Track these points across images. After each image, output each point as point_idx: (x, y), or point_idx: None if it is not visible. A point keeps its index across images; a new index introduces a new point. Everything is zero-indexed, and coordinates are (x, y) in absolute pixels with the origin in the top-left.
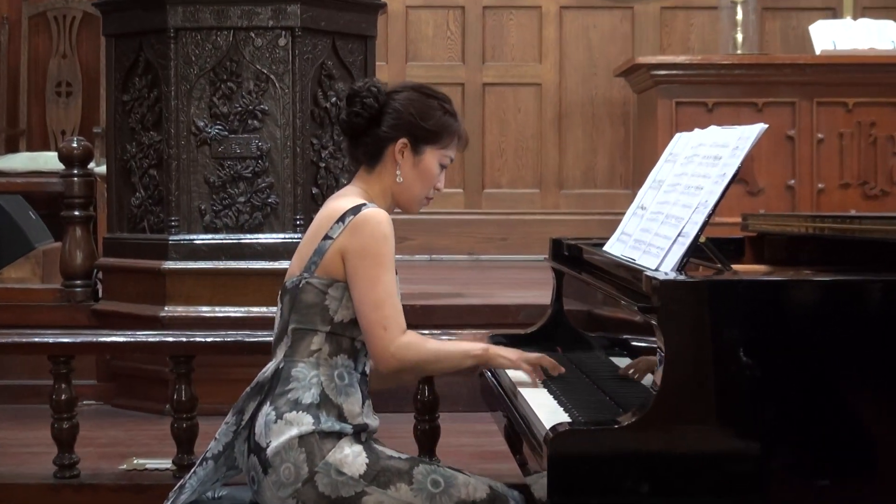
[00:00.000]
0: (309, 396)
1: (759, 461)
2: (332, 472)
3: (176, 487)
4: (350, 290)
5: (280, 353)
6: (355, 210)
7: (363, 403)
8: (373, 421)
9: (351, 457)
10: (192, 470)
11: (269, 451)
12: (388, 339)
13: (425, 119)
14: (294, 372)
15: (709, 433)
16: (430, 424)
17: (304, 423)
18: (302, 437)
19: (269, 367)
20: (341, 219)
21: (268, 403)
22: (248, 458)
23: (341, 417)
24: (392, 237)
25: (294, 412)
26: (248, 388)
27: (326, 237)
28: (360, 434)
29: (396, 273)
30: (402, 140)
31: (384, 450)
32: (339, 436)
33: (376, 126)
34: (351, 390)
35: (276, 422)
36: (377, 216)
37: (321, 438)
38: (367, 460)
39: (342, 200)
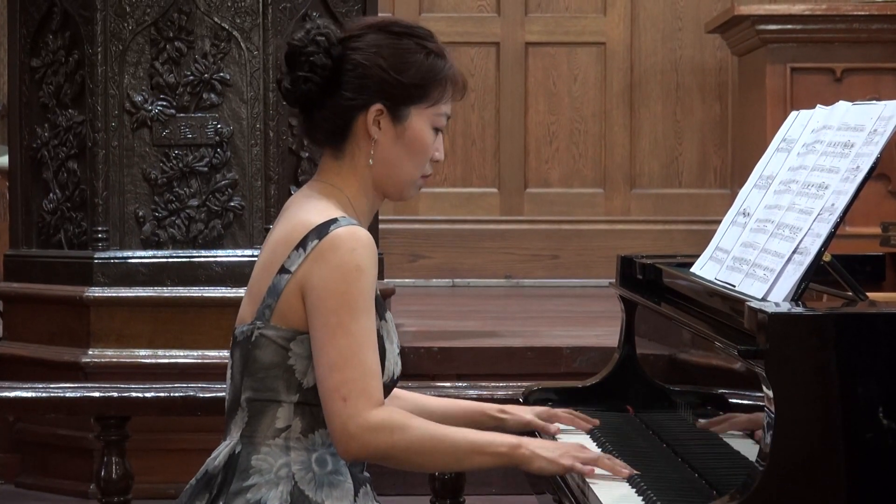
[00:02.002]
0: (275, 496)
1: None
2: None
3: None
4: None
5: (235, 432)
6: (321, 231)
7: (356, 494)
8: None
9: None
10: None
11: None
12: (348, 414)
13: (402, 70)
14: (255, 461)
15: None
16: (452, 502)
17: None
18: None
19: (221, 452)
20: (301, 244)
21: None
22: None
23: None
24: (370, 268)
25: None
26: (192, 481)
27: (283, 270)
28: None
29: (384, 317)
30: (376, 106)
31: None
32: None
33: (334, 91)
34: (337, 479)
35: None
36: (349, 240)
37: None
38: None
39: (305, 210)
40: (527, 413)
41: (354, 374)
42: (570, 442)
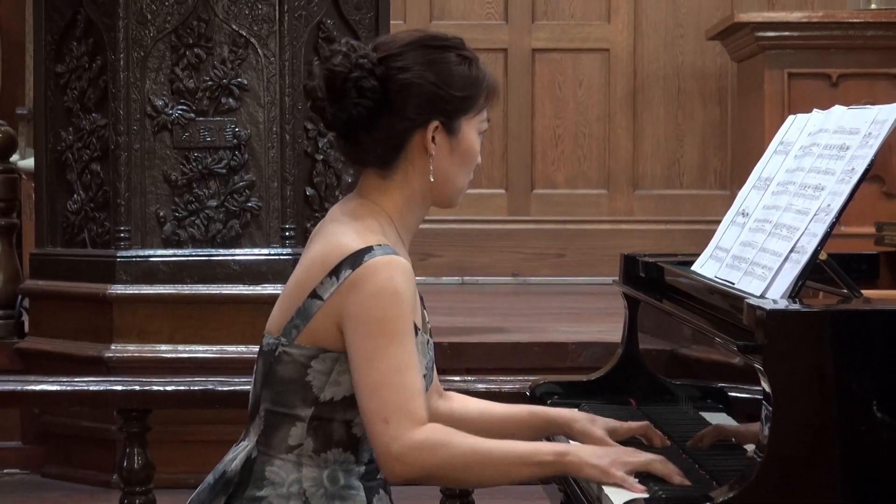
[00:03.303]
0: None
1: None
2: None
3: None
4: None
5: (252, 436)
6: (355, 260)
7: (369, 503)
8: None
9: None
10: None
11: None
12: (390, 436)
13: (451, 84)
14: (269, 472)
15: None
16: (462, 501)
17: None
18: None
19: (238, 455)
20: (335, 272)
21: None
22: None
23: None
24: (407, 293)
25: None
26: (210, 479)
27: (315, 295)
28: None
29: (419, 334)
30: (434, 124)
31: None
32: None
33: (387, 113)
34: (349, 493)
35: None
36: (385, 269)
37: None
38: None
39: (343, 231)
40: (596, 427)
41: (394, 397)
42: (618, 446)
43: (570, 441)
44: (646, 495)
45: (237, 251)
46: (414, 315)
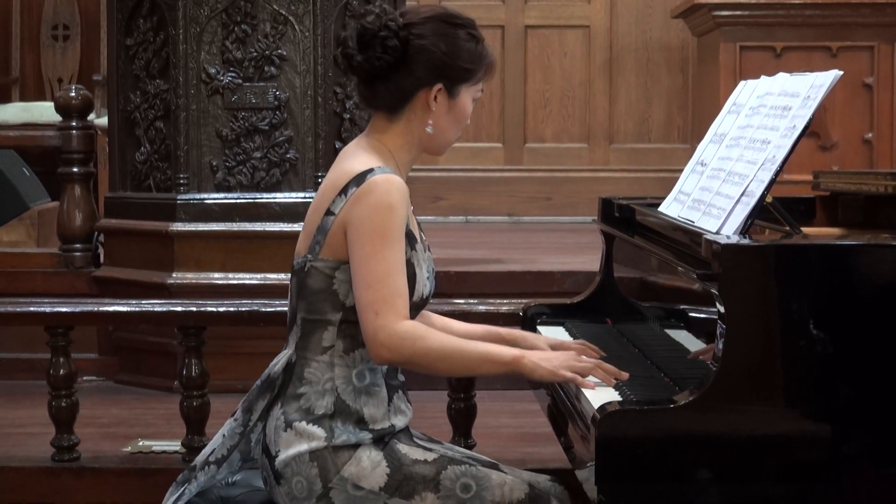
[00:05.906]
0: (322, 406)
1: (830, 445)
2: (349, 486)
3: (174, 489)
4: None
5: (292, 344)
6: (359, 179)
7: (389, 401)
8: (400, 420)
9: (369, 468)
10: (193, 474)
11: (277, 461)
12: (378, 325)
13: (458, 56)
14: (307, 373)
15: (774, 414)
16: (466, 403)
17: (315, 436)
18: (313, 452)
19: (280, 360)
20: (343, 190)
21: (279, 405)
22: (262, 457)
23: (361, 423)
24: (401, 207)
25: (304, 423)
26: (258, 382)
27: (329, 212)
28: (384, 437)
29: (414, 248)
30: (438, 85)
31: (409, 452)
32: (356, 446)
33: (402, 69)
34: (374, 390)
35: (285, 430)
36: (384, 185)
37: (335, 451)
38: (387, 470)
39: (350, 161)
40: (541, 343)
41: (385, 293)
42: (567, 352)
43: None
44: (618, 397)
45: (278, 195)
46: (412, 226)
